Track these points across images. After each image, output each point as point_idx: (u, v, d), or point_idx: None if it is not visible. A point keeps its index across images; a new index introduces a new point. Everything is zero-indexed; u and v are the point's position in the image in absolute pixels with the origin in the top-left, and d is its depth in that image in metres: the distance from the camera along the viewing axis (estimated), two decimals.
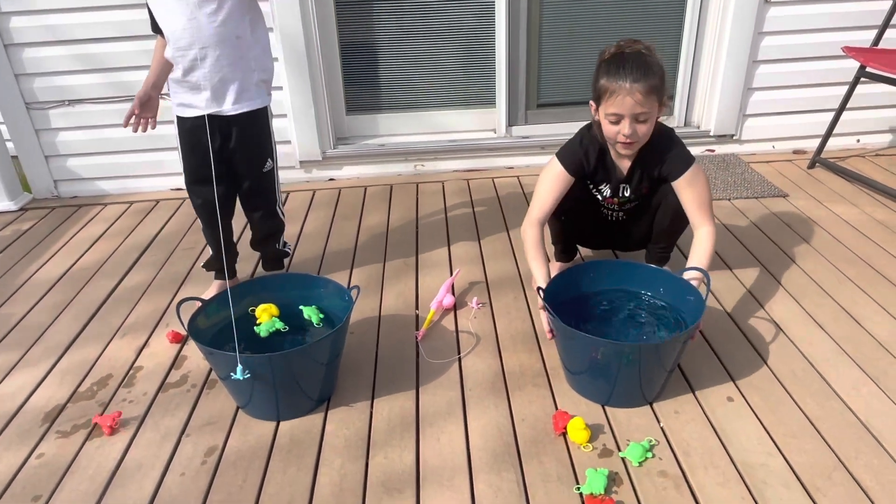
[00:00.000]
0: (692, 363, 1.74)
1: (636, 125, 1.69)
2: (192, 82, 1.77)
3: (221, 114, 1.82)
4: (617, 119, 1.70)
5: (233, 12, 1.71)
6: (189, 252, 2.47)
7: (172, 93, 1.85)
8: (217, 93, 1.79)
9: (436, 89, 3.09)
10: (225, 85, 1.79)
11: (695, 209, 1.78)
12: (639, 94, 1.64)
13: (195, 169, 1.90)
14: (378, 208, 2.77)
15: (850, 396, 1.61)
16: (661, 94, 1.69)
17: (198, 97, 1.79)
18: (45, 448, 1.56)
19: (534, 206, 1.87)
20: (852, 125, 3.05)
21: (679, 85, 3.08)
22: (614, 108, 1.68)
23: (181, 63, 1.75)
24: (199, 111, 1.81)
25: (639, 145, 1.77)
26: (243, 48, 1.77)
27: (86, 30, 2.71)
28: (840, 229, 2.41)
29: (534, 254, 1.80)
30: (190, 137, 1.86)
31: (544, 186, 1.86)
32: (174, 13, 1.70)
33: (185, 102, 1.82)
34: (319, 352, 1.57)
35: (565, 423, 1.51)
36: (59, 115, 2.87)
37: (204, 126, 1.81)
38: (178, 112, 1.85)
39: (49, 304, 2.17)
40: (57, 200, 3.02)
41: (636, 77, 1.64)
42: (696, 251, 1.76)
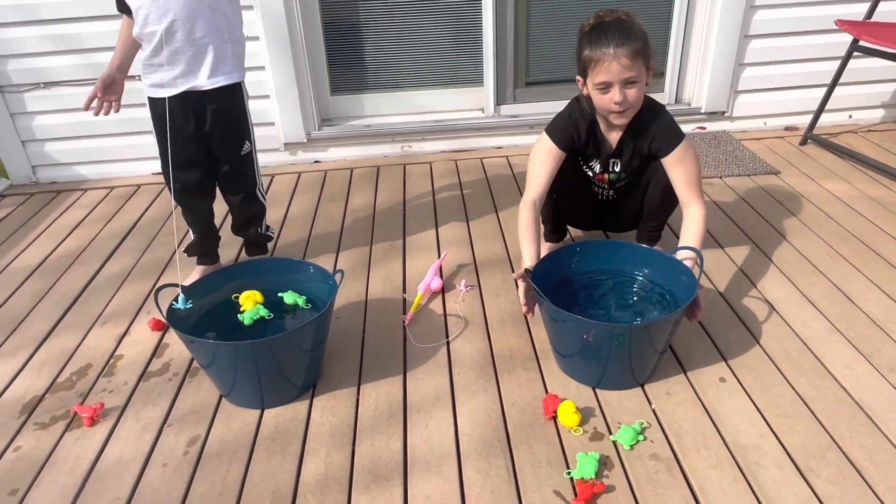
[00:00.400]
0: (684, 344, 1.71)
1: (626, 90, 1.66)
2: (163, 59, 1.70)
3: (197, 89, 1.75)
4: (606, 87, 1.66)
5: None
6: (171, 238, 2.41)
7: (143, 74, 1.77)
8: (190, 67, 1.72)
9: (422, 68, 3.02)
10: (199, 58, 1.72)
11: (684, 187, 1.75)
12: (624, 59, 1.61)
13: (171, 153, 1.84)
14: (364, 190, 2.72)
15: (844, 375, 1.59)
16: (646, 57, 1.65)
17: (170, 74, 1.72)
18: (23, 440, 1.52)
19: (529, 187, 1.82)
20: (844, 101, 3.02)
21: (670, 61, 3.03)
22: (602, 76, 1.64)
23: (151, 39, 1.68)
24: (172, 90, 1.74)
25: (632, 112, 1.73)
26: (216, 19, 1.70)
27: (57, 9, 2.62)
28: (832, 206, 2.38)
29: (525, 234, 1.75)
30: (162, 120, 1.79)
31: (536, 164, 1.82)
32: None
33: (156, 82, 1.75)
34: (303, 338, 1.53)
35: (555, 407, 1.48)
36: (34, 98, 2.79)
37: (178, 107, 1.76)
38: (150, 93, 1.78)
39: (27, 293, 2.12)
40: (35, 186, 2.95)
41: (619, 42, 1.61)
42: (687, 231, 1.72)
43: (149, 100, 1.80)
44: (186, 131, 1.81)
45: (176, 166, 1.85)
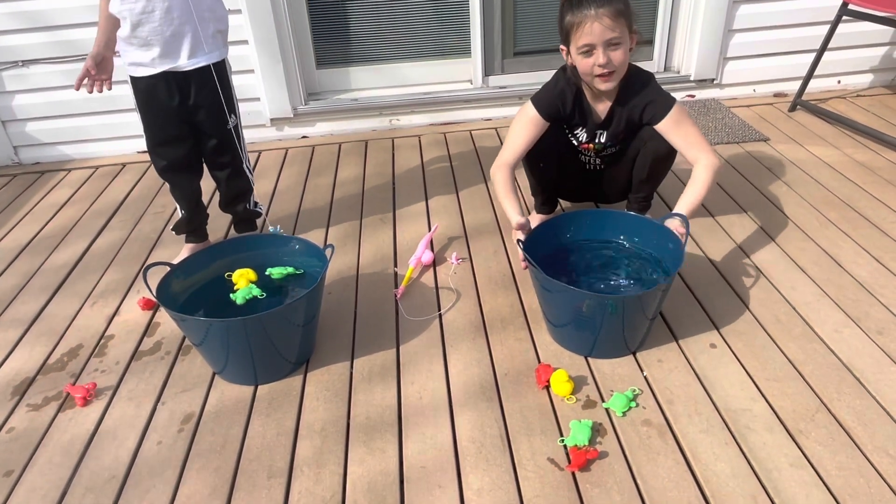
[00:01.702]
0: (675, 311, 1.72)
1: (610, 53, 1.65)
2: (141, 38, 1.66)
3: (177, 69, 1.71)
4: (589, 49, 1.65)
5: None
6: (159, 216, 2.39)
7: (122, 51, 1.73)
8: (170, 48, 1.69)
9: (409, 40, 2.98)
10: (178, 39, 1.68)
11: (688, 146, 1.74)
12: (606, 19, 1.60)
13: (156, 130, 1.81)
14: (353, 164, 2.70)
15: (833, 339, 1.60)
16: (629, 19, 1.64)
17: (149, 54, 1.69)
18: (16, 421, 1.52)
19: (504, 149, 1.82)
20: (833, 66, 3.01)
21: (658, 29, 2.99)
22: (584, 39, 1.63)
23: (128, 18, 1.64)
24: (151, 69, 1.71)
25: (618, 76, 1.72)
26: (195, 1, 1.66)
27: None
28: (821, 172, 2.39)
29: (504, 192, 1.75)
30: (146, 97, 1.76)
31: (516, 130, 1.82)
32: None
33: (136, 61, 1.71)
34: (295, 313, 1.52)
35: (548, 376, 1.49)
36: (12, 77, 2.73)
37: (160, 84, 1.73)
38: (131, 72, 1.74)
39: (14, 274, 2.10)
40: (18, 167, 2.90)
41: (600, 3, 1.60)
42: (689, 187, 1.71)
43: (130, 78, 1.76)
44: (171, 107, 1.77)
45: (161, 143, 1.83)
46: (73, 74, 2.68)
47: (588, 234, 1.76)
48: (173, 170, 1.89)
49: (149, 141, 1.85)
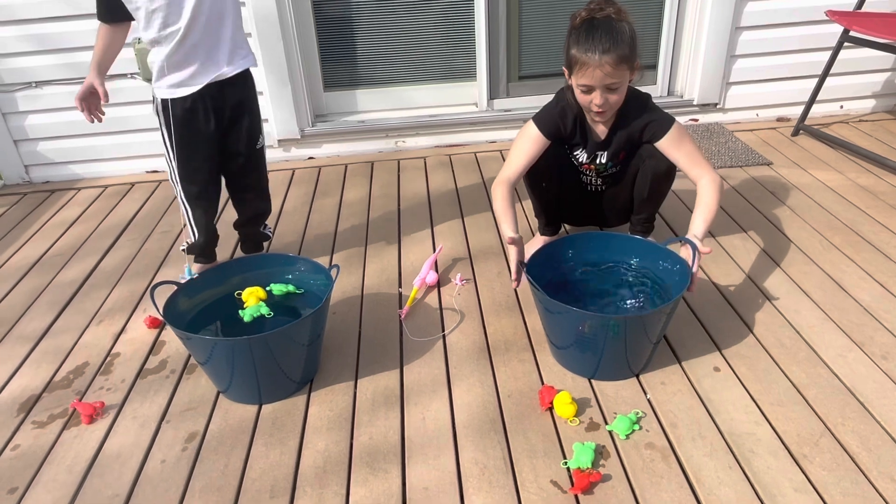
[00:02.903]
0: (678, 334, 1.72)
1: (607, 94, 1.69)
2: (183, 55, 1.67)
3: (221, 78, 1.73)
4: (588, 90, 1.69)
5: None
6: (167, 234, 2.41)
7: (160, 76, 1.71)
8: (211, 59, 1.71)
9: (415, 63, 3.02)
10: (218, 47, 1.71)
11: (691, 164, 1.76)
12: (608, 66, 1.63)
13: (192, 154, 1.80)
14: (359, 186, 2.72)
15: (837, 363, 1.60)
16: (631, 62, 1.67)
17: (189, 69, 1.69)
18: (21, 438, 1.52)
19: (505, 167, 1.85)
20: (835, 91, 3.03)
21: (662, 54, 3.03)
22: (585, 80, 1.68)
23: (171, 40, 1.64)
24: (192, 87, 1.71)
25: (612, 112, 1.77)
26: (227, 4, 1.69)
27: (43, 8, 2.60)
28: (824, 196, 2.40)
29: (502, 207, 1.76)
30: (183, 121, 1.75)
31: (518, 148, 1.85)
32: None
33: (174, 82, 1.71)
34: (300, 333, 1.53)
35: (551, 398, 1.49)
36: (25, 97, 2.77)
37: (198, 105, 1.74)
38: (168, 95, 1.72)
39: (23, 291, 2.12)
40: (29, 186, 2.94)
41: (605, 48, 1.62)
42: (699, 209, 1.70)
43: (165, 102, 1.74)
44: (207, 131, 1.78)
45: (195, 169, 1.83)
46: None
47: (591, 256, 1.77)
48: (203, 196, 1.88)
49: (183, 167, 1.82)
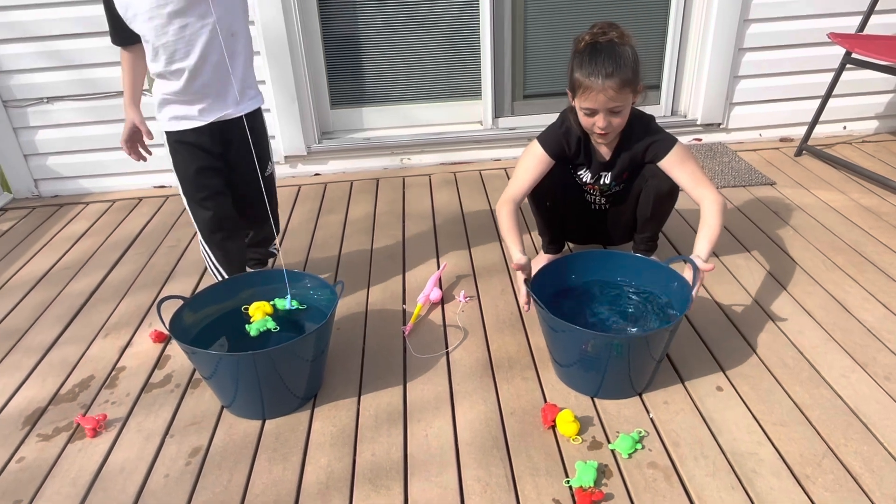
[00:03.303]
0: (681, 353, 1.73)
1: (611, 118, 1.72)
2: (192, 92, 1.65)
3: (228, 118, 1.71)
4: (592, 113, 1.72)
5: (226, 8, 1.59)
6: (173, 249, 2.43)
7: (163, 107, 1.70)
8: (219, 97, 1.68)
9: (421, 82, 3.06)
10: (226, 88, 1.68)
11: (693, 184, 1.78)
12: (611, 90, 1.65)
13: (199, 183, 1.77)
14: (364, 202, 2.74)
15: (839, 384, 1.60)
16: (634, 85, 1.70)
17: (197, 106, 1.67)
18: (26, 451, 1.53)
19: (510, 186, 1.86)
20: (838, 112, 3.05)
21: (665, 74, 3.06)
22: (588, 104, 1.70)
23: (179, 76, 1.62)
24: (199, 122, 1.69)
25: (614, 134, 1.79)
26: (240, 43, 1.66)
27: (56, 25, 2.65)
28: (827, 216, 2.41)
29: (507, 228, 1.77)
30: (188, 151, 1.73)
31: (523, 167, 1.86)
32: (162, 26, 1.55)
33: (178, 115, 1.69)
34: (304, 348, 1.54)
35: (554, 416, 1.49)
36: (36, 113, 2.82)
37: (203, 137, 1.72)
38: (172, 126, 1.71)
39: (30, 305, 2.14)
40: (38, 200, 2.97)
41: (608, 72, 1.65)
42: (703, 229, 1.70)
43: (170, 134, 1.73)
44: (214, 159, 1.76)
45: (207, 197, 1.79)
46: (93, 111, 2.81)
47: (595, 274, 1.78)
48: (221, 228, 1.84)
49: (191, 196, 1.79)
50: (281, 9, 2.66)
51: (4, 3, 2.59)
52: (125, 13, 1.58)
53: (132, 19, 1.59)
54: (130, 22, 1.59)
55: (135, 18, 1.58)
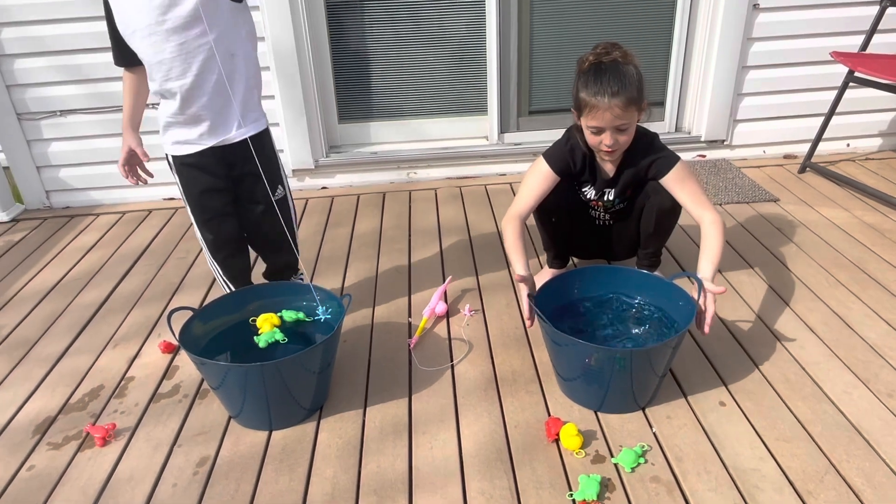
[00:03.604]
0: (684, 368, 1.74)
1: (617, 135, 1.74)
2: (190, 115, 1.62)
3: (229, 142, 1.69)
4: (598, 131, 1.74)
5: (225, 29, 1.55)
6: (182, 261, 2.46)
7: (165, 130, 1.70)
8: (218, 121, 1.66)
9: (428, 97, 3.10)
10: (226, 111, 1.65)
11: (694, 203, 1.80)
12: (617, 109, 1.68)
13: (203, 204, 1.76)
14: (370, 216, 2.77)
15: (842, 400, 1.61)
16: (639, 103, 1.73)
17: (197, 130, 1.66)
18: (36, 460, 1.55)
19: (516, 202, 1.89)
20: (842, 129, 3.08)
21: (669, 91, 3.09)
22: (595, 122, 1.73)
23: (174, 96, 1.60)
24: (198, 146, 1.67)
25: (621, 151, 1.82)
26: (240, 66, 1.63)
27: (72, 40, 2.71)
28: (830, 233, 2.42)
29: (513, 245, 1.79)
30: (192, 174, 1.72)
31: (528, 184, 1.89)
32: (159, 42, 1.53)
33: (180, 139, 1.68)
34: (311, 360, 1.57)
35: (558, 430, 1.51)
36: (50, 125, 2.87)
37: (206, 159, 1.70)
38: (174, 151, 1.71)
39: (41, 315, 2.17)
40: (49, 211, 3.02)
41: (614, 91, 1.67)
42: (706, 249, 1.72)
43: (172, 157, 1.72)
44: (219, 180, 1.74)
45: (212, 219, 1.79)
46: (105, 124, 2.85)
47: (598, 289, 1.80)
48: (225, 247, 1.84)
49: (197, 218, 1.80)
50: (291, 25, 2.71)
51: (23, 19, 2.65)
52: (124, 30, 1.58)
53: (131, 36, 1.58)
54: (129, 39, 1.58)
55: (133, 35, 1.57)
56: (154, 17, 1.51)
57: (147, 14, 1.51)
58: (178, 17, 1.50)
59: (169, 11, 1.49)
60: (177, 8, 1.49)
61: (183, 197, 1.79)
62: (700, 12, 2.92)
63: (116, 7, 1.56)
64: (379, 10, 2.89)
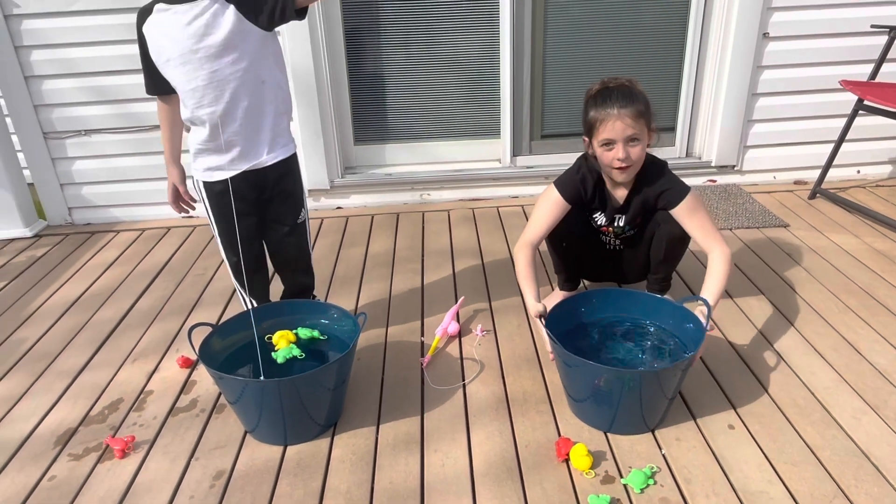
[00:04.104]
0: (693, 391, 1.76)
1: (629, 148, 1.78)
2: (220, 142, 1.66)
3: (259, 167, 1.73)
4: (610, 144, 1.78)
5: (255, 56, 1.60)
6: (200, 278, 2.52)
7: (196, 157, 1.74)
8: (249, 146, 1.69)
9: (442, 120, 3.16)
10: (257, 136, 1.69)
11: (703, 235, 1.83)
12: (628, 118, 1.74)
13: (230, 229, 1.78)
14: (384, 236, 2.82)
15: (851, 425, 1.62)
16: (648, 119, 1.78)
17: (227, 156, 1.70)
18: (57, 470, 1.59)
19: (528, 230, 1.92)
20: (852, 156, 3.10)
21: (680, 116, 3.14)
22: (606, 134, 1.77)
23: (205, 122, 1.64)
24: (230, 172, 1.71)
25: (634, 170, 1.84)
26: (271, 92, 1.66)
27: (98, 63, 2.80)
28: (840, 259, 2.44)
29: (524, 273, 1.83)
30: (222, 200, 1.75)
31: (540, 211, 1.92)
32: (193, 70, 1.58)
33: (211, 166, 1.72)
34: (327, 377, 1.60)
35: (568, 450, 1.53)
36: (74, 144, 2.95)
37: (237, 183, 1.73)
38: (205, 177, 1.75)
39: (62, 329, 2.22)
40: (70, 227, 3.09)
41: (623, 103, 1.74)
42: (710, 279, 1.76)
43: (203, 184, 1.77)
44: (248, 205, 1.78)
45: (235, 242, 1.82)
46: (127, 144, 2.93)
47: (608, 311, 1.83)
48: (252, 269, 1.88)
49: (224, 240, 1.85)
50: (310, 50, 2.79)
51: (53, 41, 2.75)
52: (158, 59, 1.62)
53: (164, 65, 1.62)
54: (163, 68, 1.63)
55: (167, 64, 1.61)
56: (188, 46, 1.56)
57: (181, 43, 1.56)
58: (212, 46, 1.56)
59: (202, 40, 1.55)
60: (210, 37, 1.55)
61: (211, 221, 1.84)
62: (710, 40, 2.97)
63: (150, 37, 1.61)
64: (395, 36, 2.97)
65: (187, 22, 1.54)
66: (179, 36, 1.56)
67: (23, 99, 2.83)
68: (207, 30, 1.54)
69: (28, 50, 2.76)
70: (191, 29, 1.54)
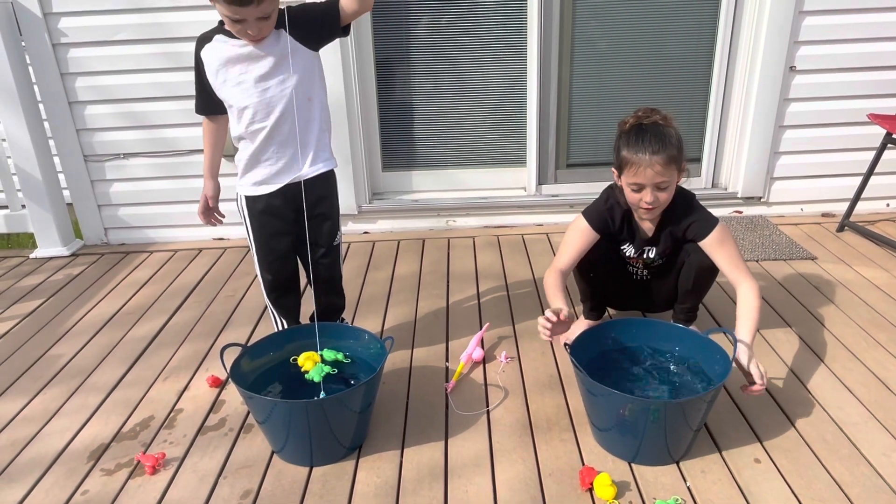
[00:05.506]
0: (719, 423, 1.75)
1: (657, 193, 1.79)
2: (267, 156, 1.75)
3: (300, 179, 1.78)
4: (639, 188, 1.79)
5: (304, 75, 1.70)
6: (230, 298, 2.57)
7: (243, 173, 1.81)
8: (294, 160, 1.77)
9: (468, 148, 3.21)
10: (304, 150, 1.76)
11: (731, 267, 1.84)
12: (658, 166, 1.74)
13: (269, 247, 1.88)
14: (410, 261, 2.86)
15: (881, 462, 1.60)
16: (679, 162, 1.79)
17: (272, 169, 1.77)
18: (90, 484, 1.63)
19: (558, 257, 1.95)
20: (881, 189, 3.08)
21: (706, 148, 3.15)
22: (636, 179, 1.78)
23: (256, 138, 1.73)
24: (273, 186, 1.79)
25: (660, 210, 1.86)
26: (315, 109, 1.76)
27: (135, 90, 2.91)
28: (869, 293, 2.42)
29: (553, 292, 1.84)
30: (262, 219, 1.83)
31: (569, 240, 1.95)
32: (247, 90, 1.68)
33: (258, 180, 1.79)
34: (354, 400, 1.63)
35: (592, 479, 1.53)
36: (112, 167, 3.05)
37: (277, 201, 1.80)
38: (251, 192, 1.82)
39: (97, 346, 2.28)
40: (106, 247, 3.18)
41: (655, 149, 1.74)
42: (744, 316, 1.75)
43: (246, 199, 1.83)
44: (285, 225, 1.84)
45: (277, 259, 1.90)
46: (164, 167, 3.02)
47: (634, 341, 1.84)
48: (283, 288, 1.95)
49: (262, 257, 1.91)
50: (342, 78, 2.86)
51: (94, 69, 2.86)
52: (214, 80, 1.71)
53: (220, 86, 1.71)
54: (219, 89, 1.72)
55: (224, 85, 1.70)
56: (244, 67, 1.67)
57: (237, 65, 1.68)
58: (265, 66, 1.66)
59: (257, 61, 1.66)
60: (264, 59, 1.66)
61: (250, 239, 1.91)
62: (737, 72, 2.99)
63: (207, 59, 1.71)
64: (424, 66, 3.04)
65: (244, 48, 1.66)
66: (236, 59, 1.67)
67: (66, 123, 2.94)
68: (262, 53, 1.66)
69: (73, 77, 2.88)
70: (246, 52, 1.66)
